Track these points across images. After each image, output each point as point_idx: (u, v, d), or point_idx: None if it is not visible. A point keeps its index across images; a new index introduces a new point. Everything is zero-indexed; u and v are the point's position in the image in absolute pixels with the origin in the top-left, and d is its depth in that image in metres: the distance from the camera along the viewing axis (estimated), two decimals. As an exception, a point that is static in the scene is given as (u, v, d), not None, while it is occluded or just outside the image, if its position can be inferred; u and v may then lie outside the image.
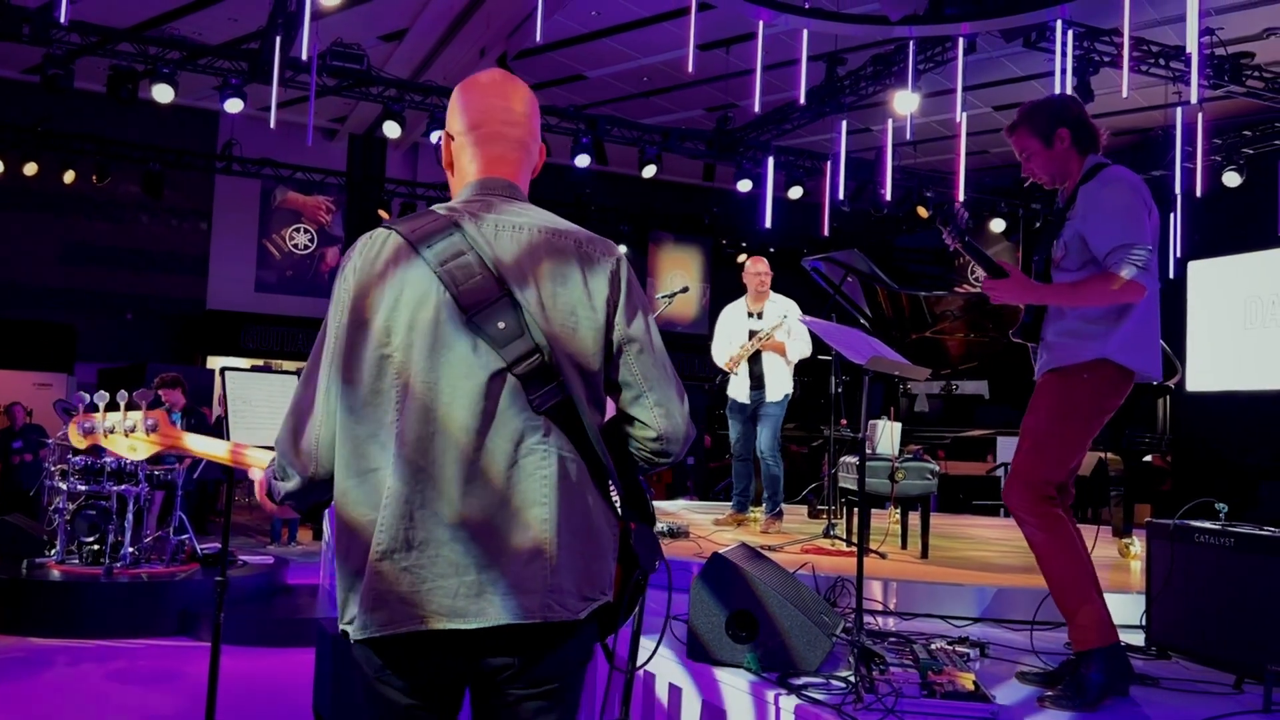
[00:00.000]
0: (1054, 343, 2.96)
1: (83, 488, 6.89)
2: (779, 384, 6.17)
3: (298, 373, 1.87)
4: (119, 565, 6.82)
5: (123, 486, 6.89)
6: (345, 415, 1.61)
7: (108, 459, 6.99)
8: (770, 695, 2.77)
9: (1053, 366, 2.95)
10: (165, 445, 1.94)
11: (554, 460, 1.61)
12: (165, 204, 14.39)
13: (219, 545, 5.91)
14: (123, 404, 1.91)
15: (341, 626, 1.60)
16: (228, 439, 2.90)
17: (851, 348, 3.37)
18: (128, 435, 1.91)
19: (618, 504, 1.71)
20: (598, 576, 1.65)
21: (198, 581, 6.82)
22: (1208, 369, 12.27)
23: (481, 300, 1.59)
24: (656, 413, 1.72)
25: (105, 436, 1.91)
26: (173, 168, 13.56)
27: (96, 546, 6.89)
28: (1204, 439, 11.85)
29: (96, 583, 6.60)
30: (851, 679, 2.77)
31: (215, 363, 14.99)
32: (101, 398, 1.88)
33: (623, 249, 1.80)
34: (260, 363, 15.37)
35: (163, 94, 10.24)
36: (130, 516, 6.88)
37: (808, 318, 3.72)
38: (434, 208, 1.71)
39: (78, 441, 1.92)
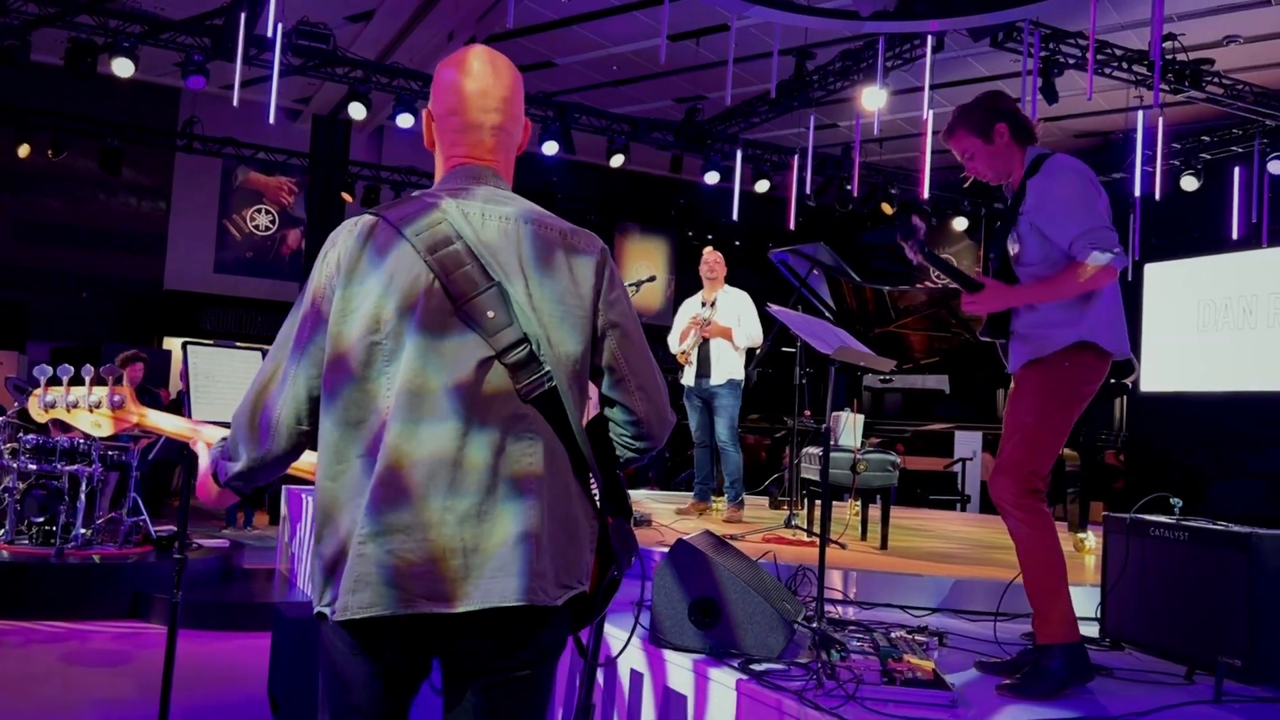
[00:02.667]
0: (1028, 334, 2.99)
1: (33, 467, 6.76)
2: (724, 369, 6.23)
3: (264, 351, 1.84)
4: (70, 546, 6.69)
5: (75, 466, 6.76)
6: (330, 401, 1.61)
7: (60, 439, 6.86)
8: (732, 681, 2.78)
9: (1032, 358, 2.97)
10: (130, 423, 1.89)
11: (540, 448, 1.62)
12: (123, 181, 14.12)
13: (174, 528, 5.83)
14: (88, 379, 1.86)
15: (318, 609, 1.59)
16: (189, 416, 2.86)
17: (819, 337, 3.38)
18: (92, 411, 1.86)
19: (596, 497, 1.72)
20: (575, 565, 1.66)
21: (151, 564, 6.72)
22: (1162, 370, 12.48)
23: (471, 289, 1.60)
24: (638, 396, 1.75)
25: (68, 411, 1.86)
26: (132, 144, 13.30)
27: (48, 527, 6.76)
28: (1157, 439, 12.06)
29: (46, 563, 6.47)
30: (812, 665, 2.79)
31: (172, 343, 14.76)
32: (65, 371, 1.83)
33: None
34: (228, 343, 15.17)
35: (123, 68, 10.04)
36: (83, 497, 6.76)
37: (775, 307, 3.73)
38: (419, 194, 1.70)
39: (38, 415, 1.86)
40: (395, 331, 1.59)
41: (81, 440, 6.92)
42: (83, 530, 6.77)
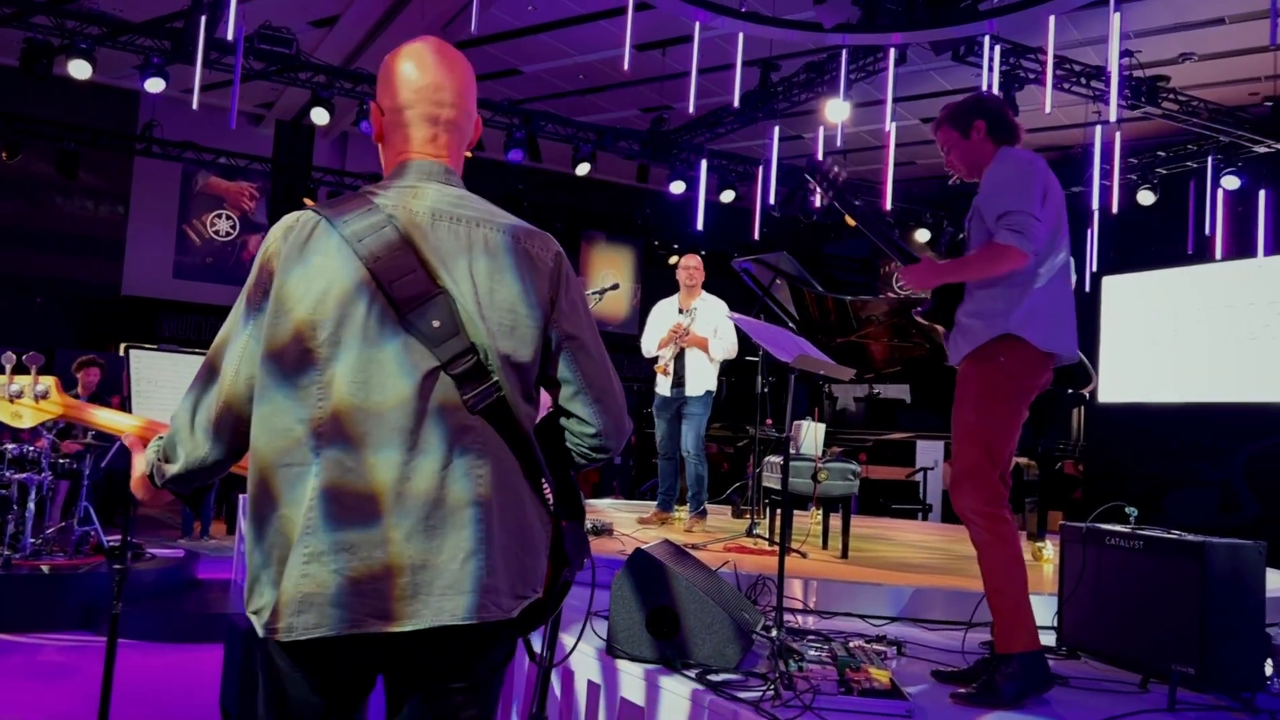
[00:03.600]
0: (964, 324, 3.02)
1: (-19, 475, 6.61)
2: (701, 380, 6.20)
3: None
4: (18, 556, 6.54)
5: (24, 475, 6.62)
6: (264, 406, 1.54)
7: (9, 446, 6.72)
8: (688, 691, 2.75)
9: (966, 351, 3.00)
10: (57, 414, 1.81)
11: (488, 460, 1.57)
12: (80, 185, 13.87)
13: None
14: (9, 366, 1.78)
15: (250, 611, 1.53)
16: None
17: (779, 346, 3.38)
18: (13, 401, 1.78)
19: (549, 500, 1.68)
20: (530, 574, 1.62)
21: (101, 574, 6.58)
22: (1119, 381, 12.65)
23: (415, 296, 1.53)
24: (596, 408, 1.70)
25: None
26: (89, 147, 13.09)
27: (-4, 536, 6.61)
28: (1114, 449, 12.22)
29: (-7, 574, 6.32)
30: (770, 675, 2.77)
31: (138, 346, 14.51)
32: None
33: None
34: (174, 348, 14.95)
35: (80, 70, 9.87)
36: (31, 506, 6.61)
37: (736, 315, 3.72)
38: (365, 191, 1.64)
39: None
40: (332, 339, 1.53)
41: (31, 448, 6.78)
42: (32, 540, 6.62)
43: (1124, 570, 3.40)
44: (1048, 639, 3.56)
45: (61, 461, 6.89)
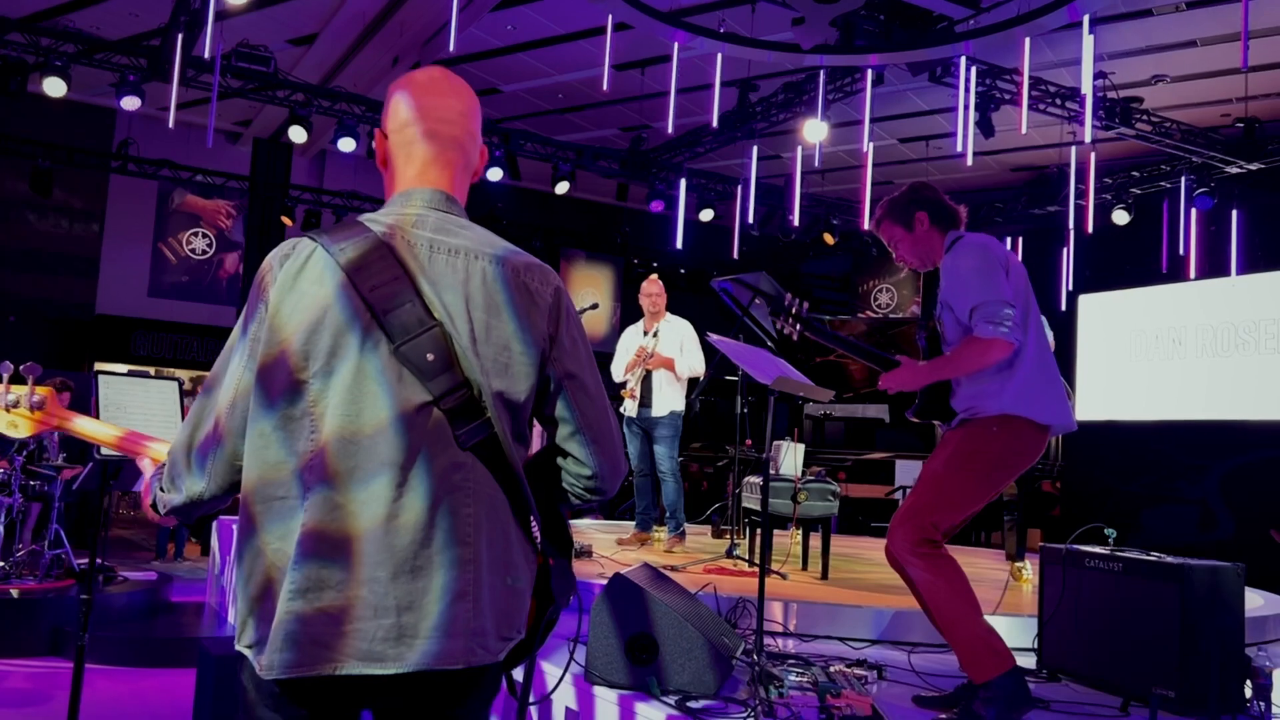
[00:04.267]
0: (961, 409, 3.04)
1: (-51, 498, 6.50)
2: (666, 400, 6.21)
3: (188, 381, 1.76)
4: (-13, 580, 6.42)
5: (-6, 497, 6.51)
6: (255, 438, 1.51)
7: (-23, 468, 6.61)
8: (666, 718, 2.72)
9: (962, 419, 3.02)
10: (50, 425, 1.79)
11: (477, 498, 1.53)
12: (54, 203, 13.75)
13: (99, 560, 5.61)
14: (6, 376, 1.76)
15: (240, 647, 1.51)
16: (95, 449, 2.74)
17: (758, 368, 3.37)
18: (9, 410, 1.75)
19: (537, 538, 1.64)
20: (515, 615, 1.58)
21: (71, 599, 6.46)
22: (1096, 399, 12.73)
23: (410, 328, 1.49)
24: (592, 449, 1.66)
25: None
26: (63, 165, 12.98)
27: (-37, 560, 6.49)
28: (1091, 466, 12.27)
29: (-39, 599, 6.20)
30: (750, 702, 2.75)
31: (104, 369, 14.37)
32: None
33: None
34: (150, 370, 14.79)
35: (54, 88, 9.79)
36: (0, 529, 6.50)
37: (715, 336, 3.71)
38: (364, 219, 1.60)
39: None
40: (324, 369, 1.49)
41: (1, 470, 6.68)
42: (1, 563, 6.51)
43: (1104, 592, 3.39)
44: (1028, 661, 3.56)
45: (32, 484, 6.79)
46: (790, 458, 5.24)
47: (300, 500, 1.47)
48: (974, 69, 9.34)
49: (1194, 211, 11.72)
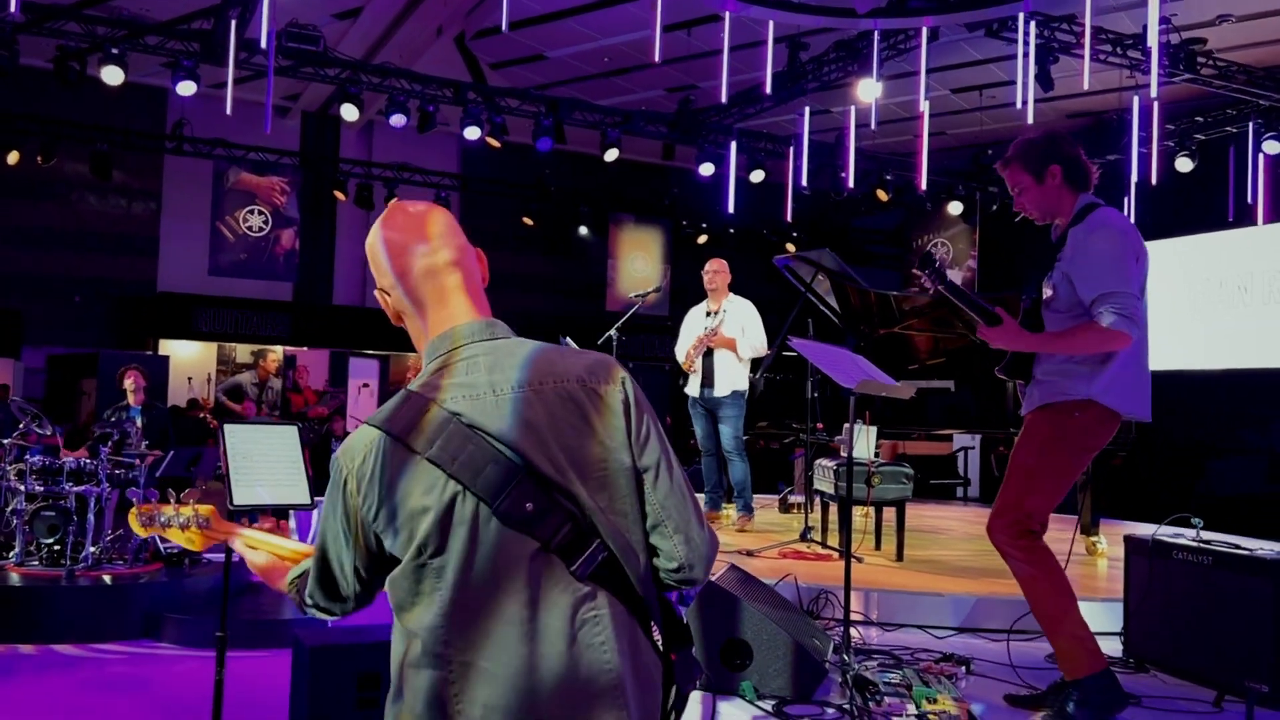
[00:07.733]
0: (1043, 380, 3.01)
1: (40, 488, 6.72)
2: (728, 380, 6.24)
3: (296, 424, 1.82)
4: (80, 567, 6.67)
5: (82, 487, 6.73)
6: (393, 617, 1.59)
7: (66, 459, 6.84)
8: (768, 727, 2.79)
9: (1042, 403, 2.99)
10: (218, 539, 2.01)
11: (607, 623, 1.54)
12: (114, 185, 13.99)
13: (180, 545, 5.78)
14: (176, 502, 2.07)
15: None
16: (230, 499, 2.93)
17: (840, 370, 3.38)
18: (184, 530, 2.01)
19: (658, 639, 1.65)
20: (652, 715, 1.61)
21: (161, 583, 6.68)
22: (1160, 349, 12.51)
23: (501, 486, 1.50)
24: (677, 540, 1.63)
25: (163, 530, 2.04)
26: (121, 148, 13.18)
27: (57, 548, 6.74)
28: (1156, 417, 12.11)
29: (57, 585, 6.45)
30: (846, 707, 2.80)
31: (167, 346, 14.68)
32: (153, 495, 1.90)
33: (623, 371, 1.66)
34: (214, 345, 15.09)
35: (113, 76, 9.91)
36: (91, 517, 6.73)
37: (797, 340, 3.72)
38: (416, 390, 1.59)
39: (139, 530, 2.07)
40: (436, 549, 1.51)
41: (88, 460, 6.90)
42: (92, 549, 6.75)
43: (1192, 584, 3.39)
44: (1113, 646, 3.57)
45: (118, 472, 7.00)
46: (863, 440, 5.25)
47: (439, 673, 1.51)
48: (1033, 23, 9.10)
49: (1262, 156, 11.37)
